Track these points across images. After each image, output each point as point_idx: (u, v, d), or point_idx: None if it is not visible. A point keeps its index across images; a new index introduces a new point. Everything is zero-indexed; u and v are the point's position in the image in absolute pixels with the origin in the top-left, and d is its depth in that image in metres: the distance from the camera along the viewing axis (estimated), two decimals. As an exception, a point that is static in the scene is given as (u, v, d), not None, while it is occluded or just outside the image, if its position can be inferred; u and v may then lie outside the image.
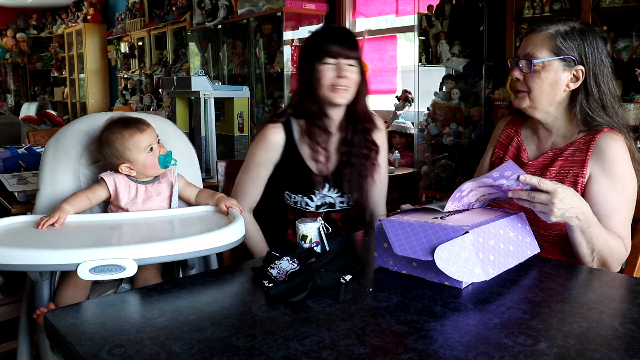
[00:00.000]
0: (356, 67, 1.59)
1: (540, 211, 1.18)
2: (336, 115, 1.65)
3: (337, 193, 1.69)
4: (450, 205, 1.19)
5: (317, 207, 1.69)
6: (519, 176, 1.15)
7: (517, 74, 1.38)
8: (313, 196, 1.67)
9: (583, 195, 1.33)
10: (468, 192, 1.19)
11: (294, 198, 1.68)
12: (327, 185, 1.67)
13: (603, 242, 1.25)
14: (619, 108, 1.38)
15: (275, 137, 1.64)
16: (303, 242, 1.28)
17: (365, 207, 1.79)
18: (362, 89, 1.63)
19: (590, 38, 1.34)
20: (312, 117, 1.62)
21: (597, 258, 1.27)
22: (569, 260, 1.36)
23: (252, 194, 1.68)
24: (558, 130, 1.43)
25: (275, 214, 1.76)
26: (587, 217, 1.22)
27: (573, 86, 1.35)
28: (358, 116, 1.65)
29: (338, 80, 1.56)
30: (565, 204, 1.16)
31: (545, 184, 1.15)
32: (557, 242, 1.36)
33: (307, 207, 1.68)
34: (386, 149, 1.77)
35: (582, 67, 1.33)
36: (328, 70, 1.56)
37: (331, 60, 1.56)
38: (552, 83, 1.35)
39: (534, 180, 1.15)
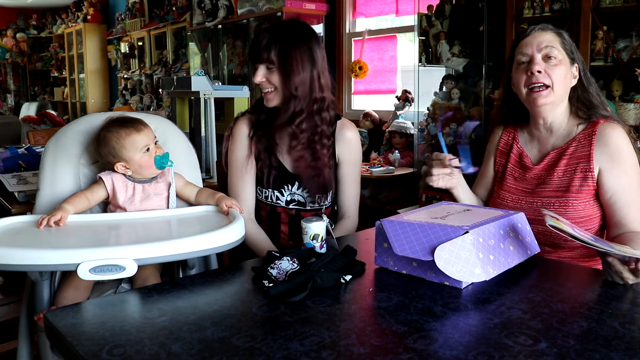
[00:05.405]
0: (274, 69, 1.51)
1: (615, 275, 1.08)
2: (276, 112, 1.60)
3: (306, 193, 1.64)
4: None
5: (287, 202, 1.65)
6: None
7: (537, 67, 1.36)
8: (283, 190, 1.64)
9: (597, 188, 1.36)
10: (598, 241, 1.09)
11: (265, 193, 1.65)
12: (296, 184, 1.64)
13: None
14: (604, 98, 1.46)
15: (240, 131, 1.64)
16: (315, 241, 1.27)
17: (337, 207, 1.75)
18: (297, 88, 1.52)
19: (571, 38, 1.44)
20: (260, 110, 1.63)
21: None
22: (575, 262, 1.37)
23: (243, 196, 1.64)
24: (559, 129, 1.45)
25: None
26: None
27: (574, 82, 1.42)
28: (300, 112, 1.55)
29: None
30: None
31: None
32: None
33: (278, 201, 1.64)
34: (355, 149, 1.68)
35: (577, 65, 1.42)
36: (254, 73, 1.55)
37: (255, 64, 1.54)
38: (567, 76, 1.40)
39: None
